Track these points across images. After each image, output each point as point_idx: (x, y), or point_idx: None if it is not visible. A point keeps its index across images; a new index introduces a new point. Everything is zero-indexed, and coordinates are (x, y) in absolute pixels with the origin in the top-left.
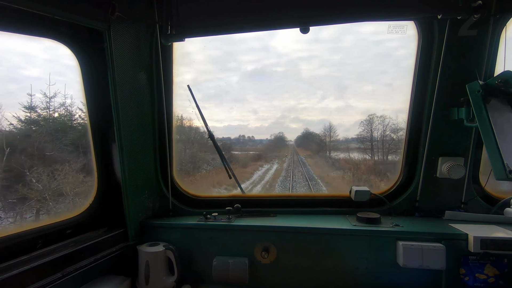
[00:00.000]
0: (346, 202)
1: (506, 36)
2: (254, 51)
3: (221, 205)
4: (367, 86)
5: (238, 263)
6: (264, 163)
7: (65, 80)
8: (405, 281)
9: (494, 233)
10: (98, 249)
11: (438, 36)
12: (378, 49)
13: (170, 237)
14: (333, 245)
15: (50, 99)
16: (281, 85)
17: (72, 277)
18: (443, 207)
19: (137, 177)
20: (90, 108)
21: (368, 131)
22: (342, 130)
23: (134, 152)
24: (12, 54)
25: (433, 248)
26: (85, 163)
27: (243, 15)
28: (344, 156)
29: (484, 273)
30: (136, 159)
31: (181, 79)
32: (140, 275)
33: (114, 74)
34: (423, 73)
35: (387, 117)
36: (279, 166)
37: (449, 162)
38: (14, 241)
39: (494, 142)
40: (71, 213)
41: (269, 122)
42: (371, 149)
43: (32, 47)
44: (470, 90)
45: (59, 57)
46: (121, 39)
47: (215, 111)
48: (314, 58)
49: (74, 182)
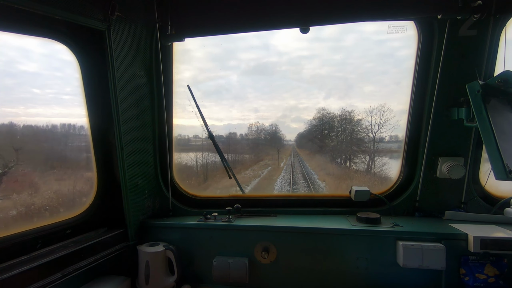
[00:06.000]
0: (346, 202)
1: (506, 36)
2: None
3: (221, 205)
4: (368, 86)
5: (238, 263)
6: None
7: (63, 76)
8: (405, 281)
9: (494, 233)
10: (98, 249)
11: (438, 36)
12: (380, 49)
13: (170, 237)
14: (333, 245)
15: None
16: (281, 84)
17: (72, 277)
18: (443, 207)
19: (137, 177)
20: (90, 108)
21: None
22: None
23: (134, 152)
24: (8, 48)
25: (433, 248)
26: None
27: (243, 15)
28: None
29: (484, 273)
30: (136, 159)
31: (181, 77)
32: (140, 275)
33: (114, 74)
34: (423, 73)
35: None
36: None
37: (449, 162)
38: (14, 241)
39: (494, 142)
40: (71, 213)
41: (270, 122)
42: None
43: (28, 41)
44: (470, 90)
45: (57, 52)
46: (121, 39)
47: (215, 110)
48: (315, 57)
49: None
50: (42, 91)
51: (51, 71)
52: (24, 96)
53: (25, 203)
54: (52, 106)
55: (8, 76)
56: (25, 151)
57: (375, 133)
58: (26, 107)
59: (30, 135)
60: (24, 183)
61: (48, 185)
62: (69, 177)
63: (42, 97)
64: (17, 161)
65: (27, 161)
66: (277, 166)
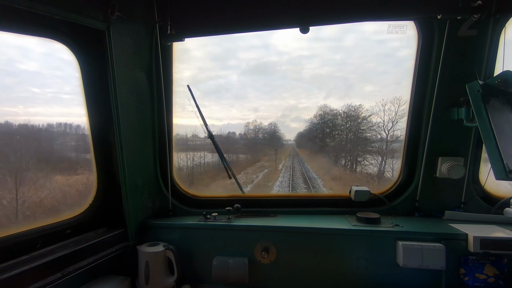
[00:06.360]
0: (346, 202)
1: (506, 36)
2: (254, 48)
3: (221, 205)
4: (368, 86)
5: (238, 263)
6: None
7: (63, 75)
8: (405, 281)
9: (494, 233)
10: (98, 249)
11: (438, 36)
12: (380, 49)
13: (170, 237)
14: (333, 245)
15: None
16: (281, 84)
17: (72, 277)
18: (443, 207)
19: (137, 177)
20: (90, 108)
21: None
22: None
23: (134, 151)
24: (8, 47)
25: (433, 248)
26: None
27: (243, 15)
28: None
29: (484, 273)
30: (136, 159)
31: (180, 77)
32: (140, 275)
33: (114, 74)
34: (423, 73)
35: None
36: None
37: (449, 162)
38: (14, 241)
39: (494, 142)
40: (71, 213)
41: (269, 121)
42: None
43: (28, 40)
44: (470, 90)
45: (56, 51)
46: (121, 39)
47: (215, 109)
48: (315, 57)
49: None
50: (42, 90)
51: (51, 70)
52: (24, 95)
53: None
54: (51, 105)
55: (8, 75)
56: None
57: (388, 130)
58: (25, 106)
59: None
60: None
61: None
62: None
63: (41, 96)
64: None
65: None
66: (274, 168)
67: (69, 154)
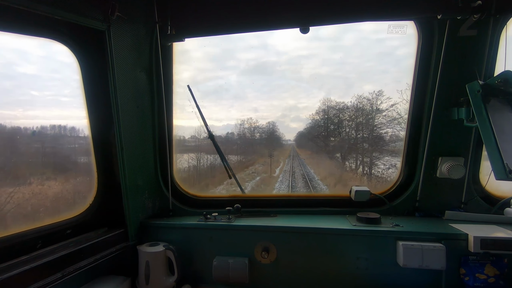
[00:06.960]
0: (346, 202)
1: (506, 36)
2: (253, 49)
3: (221, 205)
4: (368, 86)
5: (238, 263)
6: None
7: (62, 77)
8: (405, 281)
9: (494, 233)
10: (98, 249)
11: (438, 36)
12: (379, 48)
13: (170, 237)
14: (333, 245)
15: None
16: (281, 84)
17: (72, 277)
18: (443, 207)
19: (137, 177)
20: (90, 108)
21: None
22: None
23: (134, 152)
24: (6, 50)
25: (433, 248)
26: None
27: (243, 15)
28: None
29: (484, 273)
30: (136, 159)
31: (180, 77)
32: (140, 275)
33: (114, 74)
34: (423, 73)
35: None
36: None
37: (449, 162)
38: (14, 241)
39: (494, 142)
40: (71, 213)
41: (268, 121)
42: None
43: (27, 43)
44: (470, 90)
45: (55, 54)
46: (121, 39)
47: (214, 110)
48: (315, 56)
49: None
50: (41, 93)
51: (50, 73)
52: (23, 99)
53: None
54: (50, 108)
55: (6, 78)
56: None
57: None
58: (24, 109)
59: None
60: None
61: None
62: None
63: (41, 99)
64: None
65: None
66: (269, 175)
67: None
